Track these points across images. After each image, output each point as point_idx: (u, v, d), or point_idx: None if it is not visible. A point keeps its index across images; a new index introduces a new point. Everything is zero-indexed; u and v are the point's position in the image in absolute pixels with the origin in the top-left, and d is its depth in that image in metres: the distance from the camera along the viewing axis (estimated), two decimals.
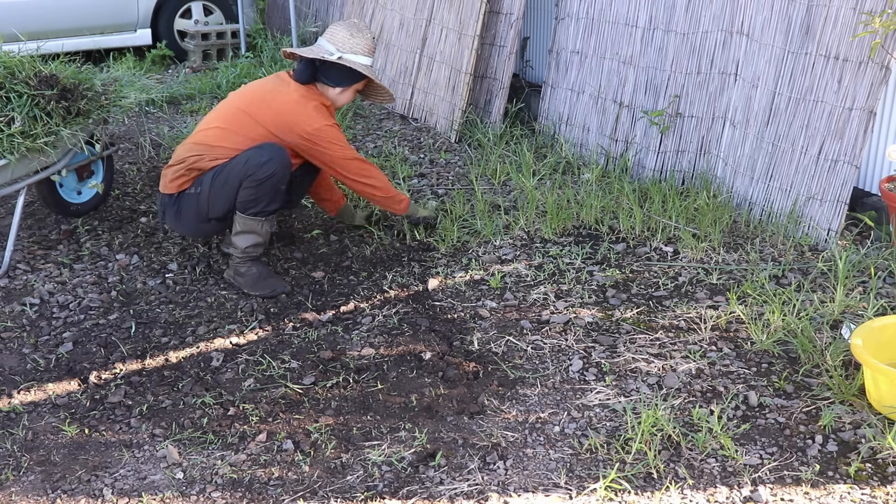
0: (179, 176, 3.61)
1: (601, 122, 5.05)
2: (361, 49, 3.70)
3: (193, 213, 3.63)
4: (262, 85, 3.75)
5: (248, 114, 3.61)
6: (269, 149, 3.50)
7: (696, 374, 3.00)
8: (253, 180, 3.48)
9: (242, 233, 3.60)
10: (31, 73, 3.77)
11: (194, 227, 3.70)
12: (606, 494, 2.44)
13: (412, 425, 2.78)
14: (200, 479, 2.56)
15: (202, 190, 3.57)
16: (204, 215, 3.62)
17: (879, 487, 2.45)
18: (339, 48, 3.67)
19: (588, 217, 4.23)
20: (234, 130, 3.60)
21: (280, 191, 3.57)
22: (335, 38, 3.69)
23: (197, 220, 3.64)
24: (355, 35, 3.69)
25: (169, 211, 3.69)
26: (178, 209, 3.65)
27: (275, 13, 8.61)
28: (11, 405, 2.93)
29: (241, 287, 3.66)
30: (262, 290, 3.64)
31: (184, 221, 3.68)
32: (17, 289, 3.71)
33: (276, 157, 3.49)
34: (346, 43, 3.67)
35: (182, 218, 3.67)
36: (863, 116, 3.73)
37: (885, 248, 3.75)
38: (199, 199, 3.58)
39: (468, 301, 3.56)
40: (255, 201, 3.53)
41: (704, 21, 4.49)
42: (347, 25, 3.72)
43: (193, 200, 3.60)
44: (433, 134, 5.68)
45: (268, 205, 3.56)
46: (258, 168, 3.47)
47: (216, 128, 3.64)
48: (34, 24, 6.93)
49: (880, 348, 2.84)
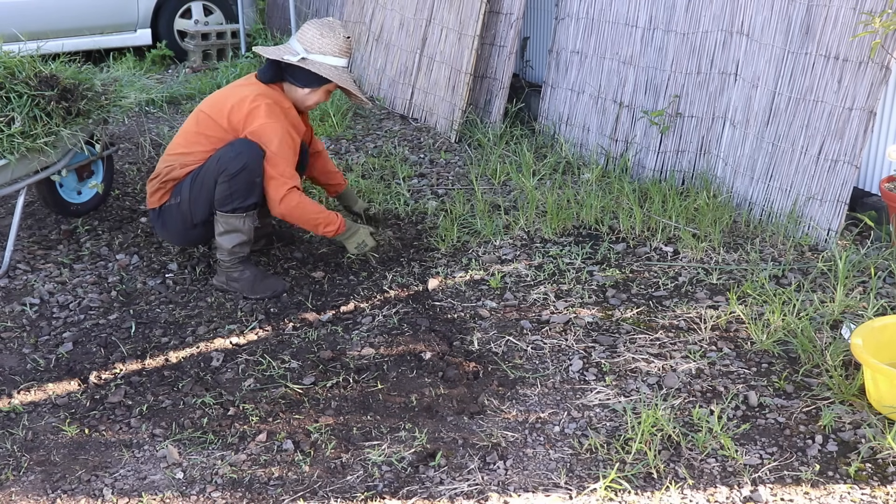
0: (157, 189, 3.65)
1: (601, 122, 5.05)
2: (331, 49, 3.60)
3: (179, 222, 3.63)
4: (227, 87, 3.77)
5: (210, 116, 3.62)
6: (238, 143, 3.50)
7: (696, 374, 3.00)
8: (226, 175, 3.47)
9: (226, 233, 3.57)
10: (31, 73, 3.77)
11: (183, 235, 3.71)
12: (606, 494, 2.44)
13: (412, 425, 2.78)
14: (200, 479, 2.56)
15: (182, 198, 3.58)
16: (189, 222, 3.62)
17: (879, 487, 2.45)
18: (307, 48, 3.59)
19: (588, 217, 4.23)
20: (199, 132, 3.61)
21: (255, 184, 3.52)
22: (304, 38, 3.61)
23: (183, 228, 3.65)
24: (326, 35, 3.59)
25: (156, 224, 3.73)
26: (163, 221, 3.68)
27: (275, 13, 8.62)
28: (11, 405, 2.93)
29: (238, 292, 3.64)
30: (262, 293, 3.63)
31: (172, 232, 3.70)
32: (17, 289, 3.71)
33: (245, 150, 3.47)
34: (315, 43, 3.59)
35: (169, 229, 3.69)
36: (863, 116, 3.73)
37: (885, 248, 3.75)
38: (180, 207, 3.59)
39: (468, 301, 3.56)
40: (231, 196, 3.50)
41: (704, 21, 4.49)
42: (319, 24, 3.63)
43: (176, 210, 3.61)
44: (433, 134, 5.68)
45: (245, 199, 3.52)
46: (229, 162, 3.46)
47: (182, 134, 3.67)
48: (34, 24, 6.93)
49: (880, 348, 2.84)
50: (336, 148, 5.46)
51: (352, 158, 5.24)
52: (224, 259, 3.62)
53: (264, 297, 3.62)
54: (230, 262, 3.62)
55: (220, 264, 3.65)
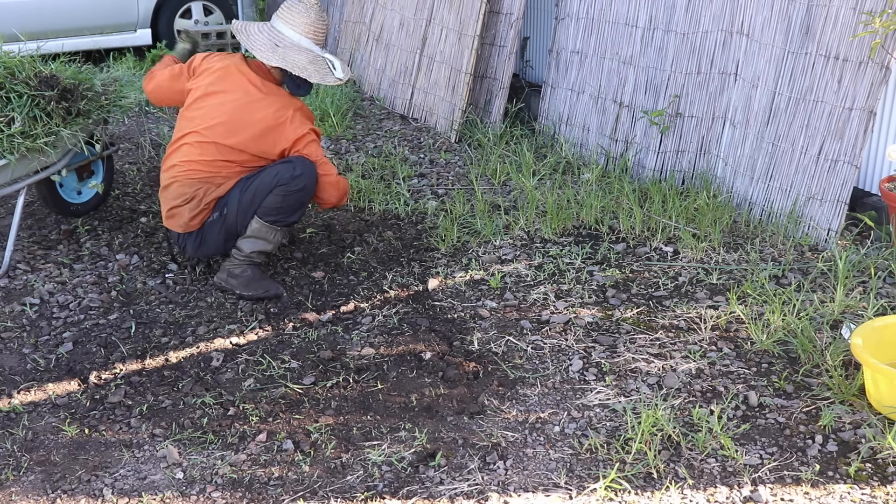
0: (200, 212, 3.58)
1: (601, 122, 5.05)
2: (290, 16, 3.73)
3: (222, 235, 3.61)
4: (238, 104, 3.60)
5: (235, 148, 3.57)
6: (299, 163, 3.52)
7: (696, 374, 3.00)
8: (284, 189, 3.49)
9: (252, 238, 3.58)
10: (31, 73, 3.77)
11: (222, 246, 3.66)
12: (606, 494, 2.44)
13: (412, 425, 2.78)
14: (200, 479, 2.56)
15: (229, 209, 3.56)
16: (233, 232, 3.61)
17: (879, 487, 2.45)
18: (274, 18, 3.76)
19: (588, 217, 4.23)
20: (225, 160, 3.56)
21: (304, 205, 3.59)
22: (279, 13, 3.74)
23: (226, 238, 3.63)
24: (293, 6, 3.72)
25: (191, 244, 3.66)
26: (202, 239, 3.63)
27: (275, 13, 8.61)
28: (11, 405, 2.93)
29: (233, 289, 3.62)
30: (254, 291, 3.61)
31: (210, 247, 3.66)
32: (17, 289, 3.71)
33: (306, 172, 3.52)
34: (282, 13, 3.75)
35: (208, 244, 3.65)
36: (863, 116, 3.73)
37: (885, 248, 3.75)
38: (226, 219, 3.57)
39: (468, 301, 3.56)
40: (280, 210, 3.52)
41: (704, 21, 4.49)
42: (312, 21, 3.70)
43: (219, 224, 3.58)
44: (433, 134, 5.68)
45: (290, 216, 3.56)
46: (290, 181, 3.49)
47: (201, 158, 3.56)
48: (34, 24, 6.93)
49: (880, 348, 2.84)
50: (336, 148, 5.46)
51: (352, 158, 5.24)
52: (236, 257, 3.62)
53: (255, 296, 3.60)
54: (239, 261, 3.62)
55: (228, 261, 3.64)
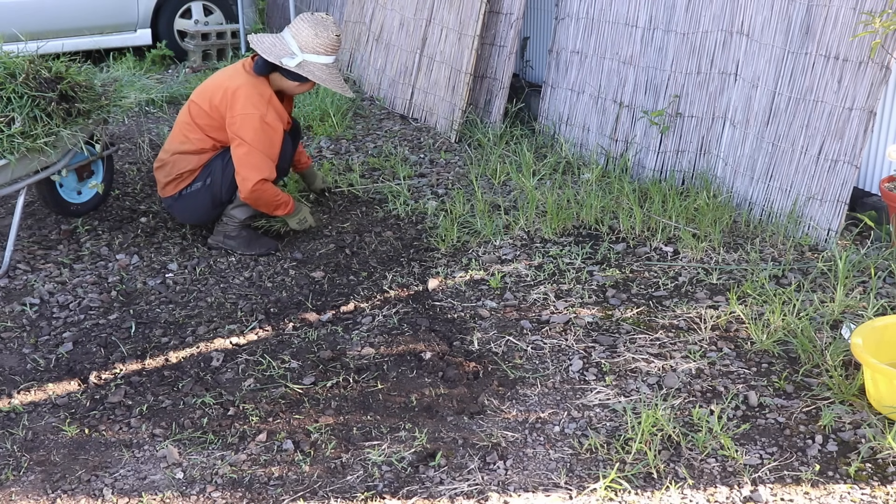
0: (171, 181, 3.97)
1: (601, 122, 5.05)
2: (324, 49, 3.81)
3: (207, 202, 3.95)
4: (215, 75, 4.03)
5: (198, 105, 3.89)
6: None
7: (696, 374, 3.00)
8: None
9: (243, 206, 3.94)
10: (31, 73, 3.76)
11: (206, 214, 4.01)
12: (606, 494, 2.44)
13: (412, 425, 2.78)
14: (200, 479, 2.56)
15: (213, 179, 3.90)
16: (217, 201, 3.95)
17: (879, 487, 2.45)
18: (302, 47, 3.79)
19: (588, 217, 4.23)
20: (192, 123, 3.90)
21: (283, 169, 4.00)
22: (299, 36, 3.80)
23: (211, 207, 3.97)
24: (320, 35, 3.80)
25: (174, 208, 4.06)
26: (183, 205, 4.00)
27: (275, 13, 8.62)
28: (11, 405, 2.93)
29: (233, 249, 3.97)
30: (258, 249, 3.97)
31: (194, 212, 4.01)
32: (17, 289, 3.71)
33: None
34: (310, 42, 3.79)
35: (193, 210, 4.00)
36: (863, 116, 3.73)
37: (885, 248, 3.75)
38: (211, 188, 3.91)
39: (468, 301, 3.56)
40: None
41: (704, 21, 4.49)
42: (314, 23, 3.81)
43: (204, 191, 3.93)
44: (433, 134, 5.68)
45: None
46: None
47: (179, 126, 3.98)
48: (34, 24, 6.93)
49: (880, 348, 2.85)
50: (336, 148, 5.46)
51: (352, 158, 5.24)
52: (229, 223, 3.97)
53: (259, 253, 3.95)
54: (233, 226, 3.97)
55: (221, 226, 3.98)
